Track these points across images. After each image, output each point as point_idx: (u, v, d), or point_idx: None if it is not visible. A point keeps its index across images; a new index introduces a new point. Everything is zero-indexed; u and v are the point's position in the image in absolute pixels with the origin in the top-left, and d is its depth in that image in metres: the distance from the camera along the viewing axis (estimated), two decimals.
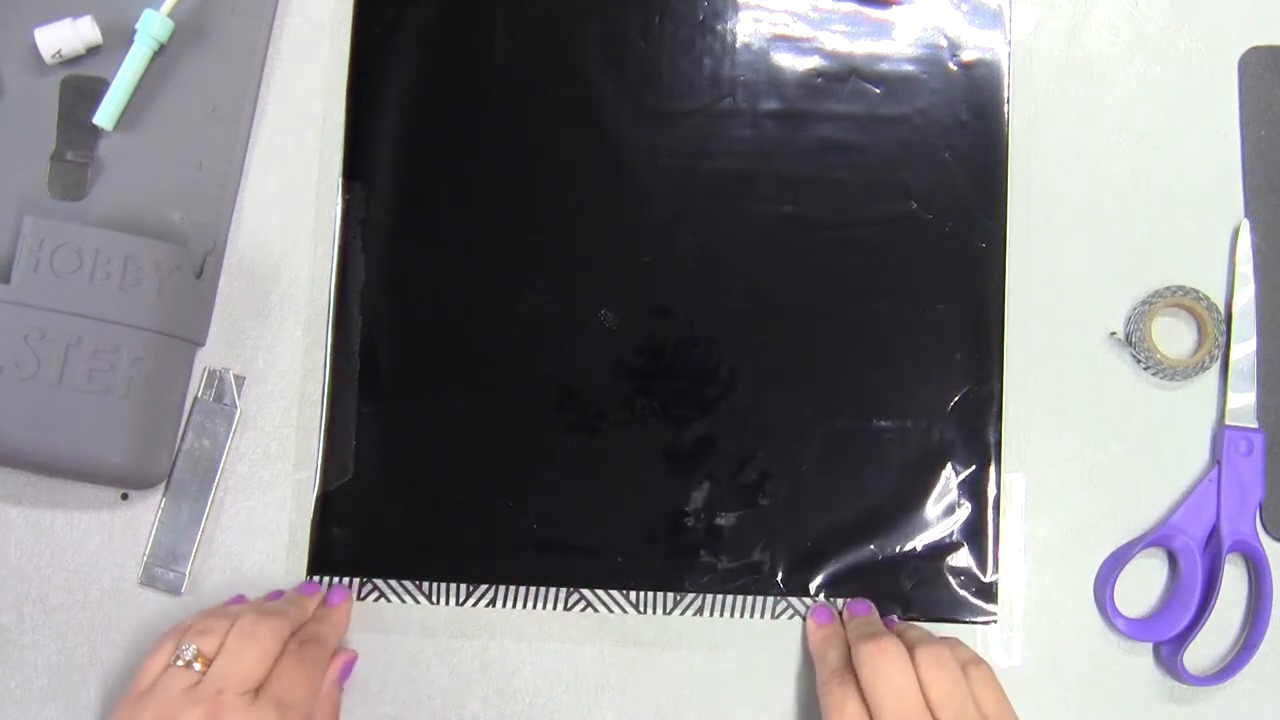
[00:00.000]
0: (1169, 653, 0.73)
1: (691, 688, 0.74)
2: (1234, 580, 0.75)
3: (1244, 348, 0.75)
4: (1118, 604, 0.74)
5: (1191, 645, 0.73)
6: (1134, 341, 0.74)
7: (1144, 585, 0.75)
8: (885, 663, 0.66)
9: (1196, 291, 0.75)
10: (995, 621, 0.74)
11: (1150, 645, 0.74)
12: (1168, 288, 0.75)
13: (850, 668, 0.68)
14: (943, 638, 0.70)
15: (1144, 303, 0.75)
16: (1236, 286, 0.75)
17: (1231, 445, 0.74)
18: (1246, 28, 0.78)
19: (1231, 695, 0.74)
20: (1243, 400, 0.75)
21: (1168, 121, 0.77)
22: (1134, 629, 0.74)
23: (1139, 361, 0.74)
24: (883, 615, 0.73)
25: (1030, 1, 0.77)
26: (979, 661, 0.68)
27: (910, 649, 0.67)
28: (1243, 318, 0.75)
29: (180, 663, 0.66)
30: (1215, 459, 0.75)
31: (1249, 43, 0.77)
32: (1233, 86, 0.77)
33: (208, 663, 0.66)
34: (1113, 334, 0.75)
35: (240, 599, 0.73)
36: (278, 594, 0.73)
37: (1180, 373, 0.74)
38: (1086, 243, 0.76)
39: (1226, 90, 0.77)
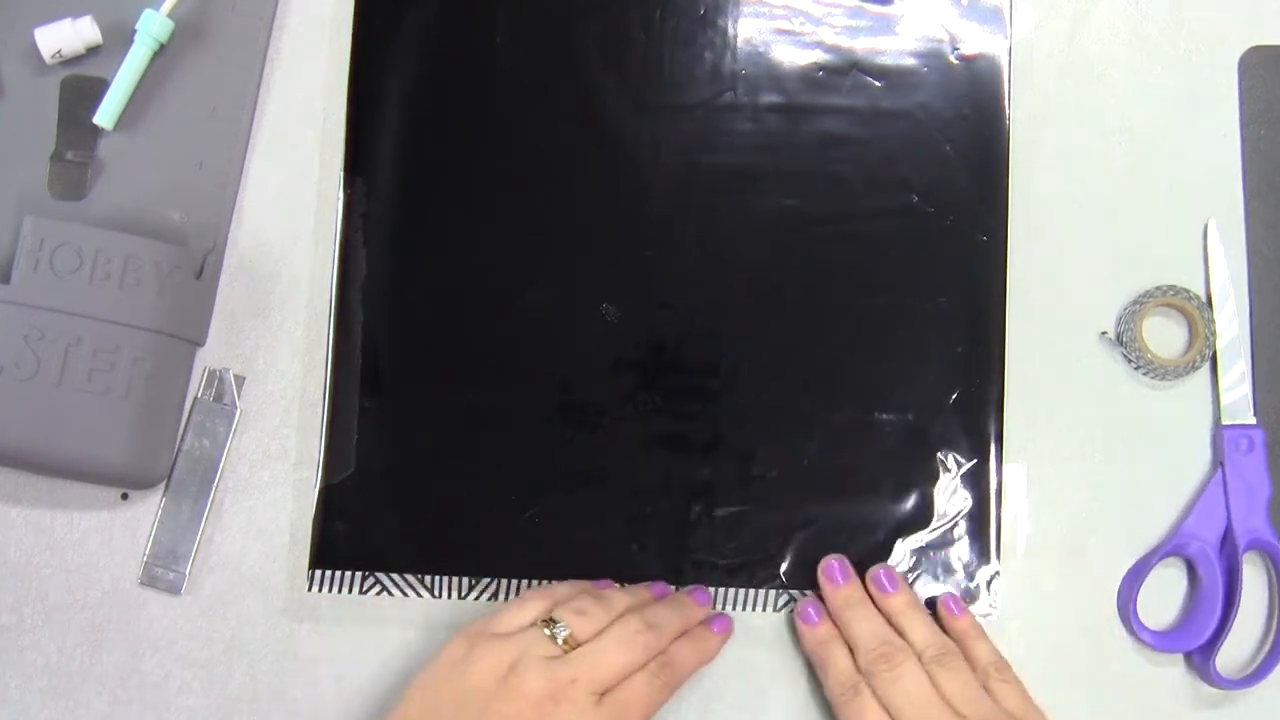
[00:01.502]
0: (1200, 660, 0.73)
1: (692, 684, 0.73)
2: (1254, 579, 0.75)
3: (1237, 345, 0.75)
4: (1141, 618, 0.74)
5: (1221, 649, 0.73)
6: (1125, 341, 0.74)
7: (1164, 596, 0.75)
8: (897, 674, 0.67)
9: (1187, 291, 0.74)
10: (996, 615, 0.74)
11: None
12: (1158, 287, 0.75)
13: (857, 671, 0.69)
14: (970, 628, 0.71)
15: (1134, 302, 0.75)
16: (1213, 280, 0.75)
17: (1232, 444, 0.74)
18: (1246, 28, 0.78)
19: (1261, 695, 0.74)
20: (1239, 398, 0.75)
21: (1168, 121, 0.77)
22: (1161, 641, 0.73)
23: (1130, 361, 0.74)
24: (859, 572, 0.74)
25: (1030, 1, 0.77)
26: (998, 660, 0.69)
27: (919, 654, 0.68)
28: (1233, 315, 0.75)
29: (548, 632, 0.66)
30: (1218, 460, 0.75)
31: (1249, 43, 0.78)
32: (1233, 86, 0.77)
33: (574, 646, 0.66)
34: (1103, 334, 0.75)
35: (607, 584, 0.72)
36: (661, 590, 0.73)
37: (1171, 372, 0.74)
38: (1086, 239, 0.76)
39: (1226, 90, 0.77)
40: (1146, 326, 0.74)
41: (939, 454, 0.74)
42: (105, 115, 0.74)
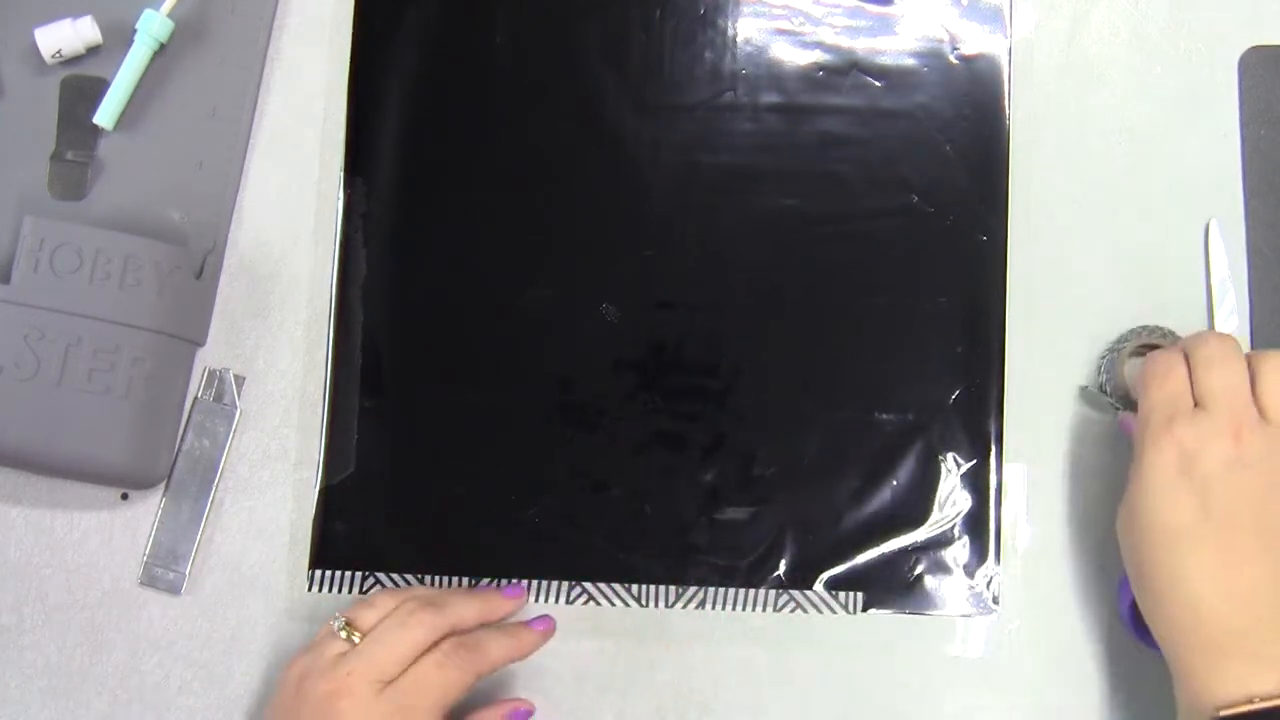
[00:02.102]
0: None
1: (692, 683, 0.74)
2: None
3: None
4: (1142, 618, 0.73)
5: None
6: (1109, 391, 0.73)
7: None
8: (1218, 356, 0.65)
9: (1161, 329, 0.74)
10: (996, 615, 0.74)
11: None
12: (1133, 330, 0.74)
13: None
14: None
15: (1111, 350, 0.74)
16: (1213, 280, 0.75)
17: None
18: (1246, 28, 0.78)
19: None
20: None
21: (1168, 121, 0.77)
22: None
23: (1118, 408, 0.74)
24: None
25: (1030, 1, 0.77)
26: None
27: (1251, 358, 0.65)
28: (1233, 315, 0.75)
29: (339, 631, 0.66)
30: None
31: (1249, 43, 0.78)
32: (1233, 86, 0.77)
33: (358, 638, 0.66)
34: (1083, 388, 0.74)
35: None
36: (512, 590, 0.72)
37: None
38: (1086, 239, 0.76)
39: (1226, 90, 0.77)
40: (1128, 370, 0.74)
41: (939, 454, 0.74)
42: (105, 115, 0.74)
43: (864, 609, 0.74)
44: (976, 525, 0.74)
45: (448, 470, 0.74)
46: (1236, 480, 0.63)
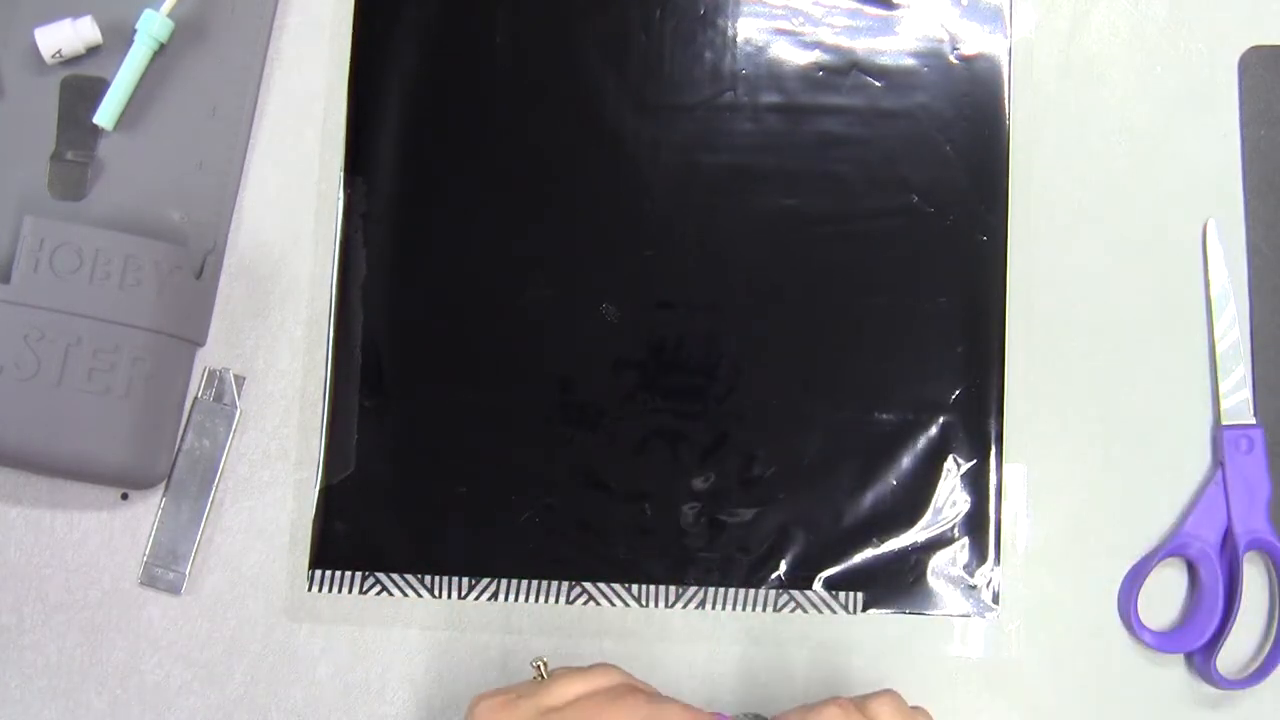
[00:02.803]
0: (1201, 661, 0.73)
1: (693, 684, 0.74)
2: (1254, 579, 0.74)
3: (1237, 346, 0.75)
4: (1142, 618, 0.73)
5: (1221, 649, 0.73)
6: None
7: (1164, 596, 0.75)
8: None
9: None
10: (996, 615, 0.74)
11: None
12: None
13: None
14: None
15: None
16: (1212, 280, 0.75)
17: (1232, 445, 0.74)
18: (1246, 28, 0.78)
19: (1261, 695, 0.74)
20: (1239, 399, 0.75)
21: (1168, 121, 0.77)
22: (1162, 642, 0.73)
23: None
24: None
25: (1030, 1, 0.77)
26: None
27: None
28: (1233, 316, 0.75)
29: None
30: (1218, 460, 0.75)
31: (1249, 43, 0.78)
32: (1233, 86, 0.77)
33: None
34: None
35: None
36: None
37: None
38: (1086, 239, 0.76)
39: (1226, 90, 0.77)
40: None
41: (939, 454, 0.74)
42: (105, 115, 0.74)
43: (864, 609, 0.74)
44: (976, 525, 0.74)
45: (448, 470, 0.74)
46: None
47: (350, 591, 0.74)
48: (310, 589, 0.74)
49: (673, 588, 0.74)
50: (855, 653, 0.74)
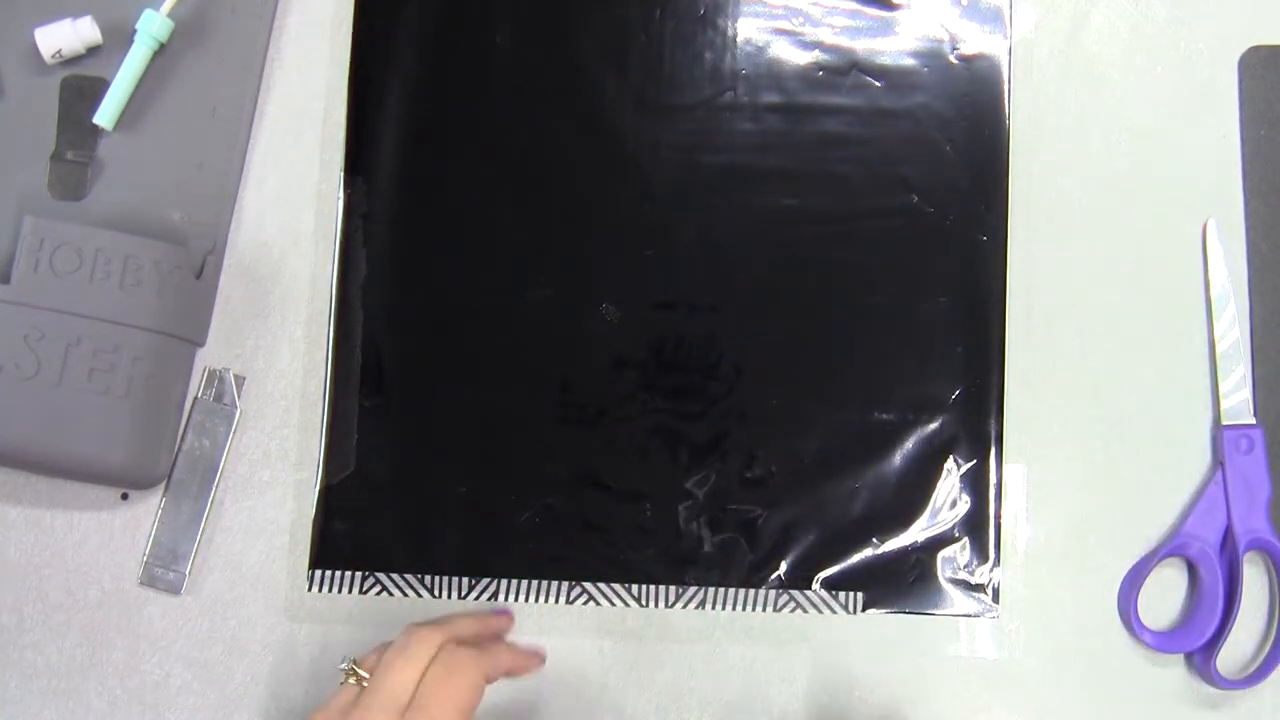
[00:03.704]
0: (1201, 661, 0.73)
1: (692, 683, 0.74)
2: (1254, 579, 0.74)
3: (1237, 346, 0.75)
4: (1142, 618, 0.74)
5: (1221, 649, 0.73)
6: None
7: (1164, 596, 0.75)
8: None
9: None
10: (996, 615, 0.74)
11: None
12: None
13: None
14: None
15: None
16: (1212, 280, 0.75)
17: (1232, 444, 0.74)
18: (1246, 28, 0.78)
19: (1261, 695, 0.74)
20: (1239, 399, 0.75)
21: (1168, 121, 0.77)
22: (1162, 642, 0.73)
23: None
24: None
25: (1030, 1, 0.77)
26: None
27: None
28: (1233, 316, 0.75)
29: (342, 680, 0.65)
30: (1218, 460, 0.75)
31: (1249, 43, 0.77)
32: (1233, 86, 0.77)
33: (363, 680, 0.65)
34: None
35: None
36: (503, 610, 0.74)
37: None
38: (1086, 239, 0.76)
39: (1226, 90, 0.77)
40: None
41: (939, 454, 0.74)
42: (105, 115, 0.74)
43: (864, 609, 0.74)
44: (976, 525, 0.74)
45: (448, 470, 0.74)
46: None
47: (350, 591, 0.74)
48: (310, 589, 0.74)
49: (673, 588, 0.74)
50: (855, 653, 0.74)
